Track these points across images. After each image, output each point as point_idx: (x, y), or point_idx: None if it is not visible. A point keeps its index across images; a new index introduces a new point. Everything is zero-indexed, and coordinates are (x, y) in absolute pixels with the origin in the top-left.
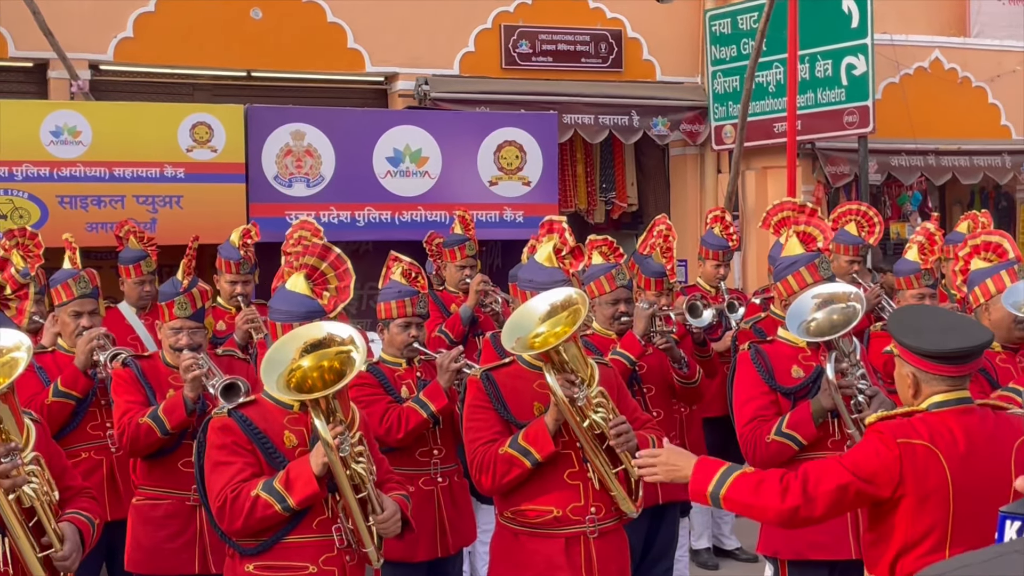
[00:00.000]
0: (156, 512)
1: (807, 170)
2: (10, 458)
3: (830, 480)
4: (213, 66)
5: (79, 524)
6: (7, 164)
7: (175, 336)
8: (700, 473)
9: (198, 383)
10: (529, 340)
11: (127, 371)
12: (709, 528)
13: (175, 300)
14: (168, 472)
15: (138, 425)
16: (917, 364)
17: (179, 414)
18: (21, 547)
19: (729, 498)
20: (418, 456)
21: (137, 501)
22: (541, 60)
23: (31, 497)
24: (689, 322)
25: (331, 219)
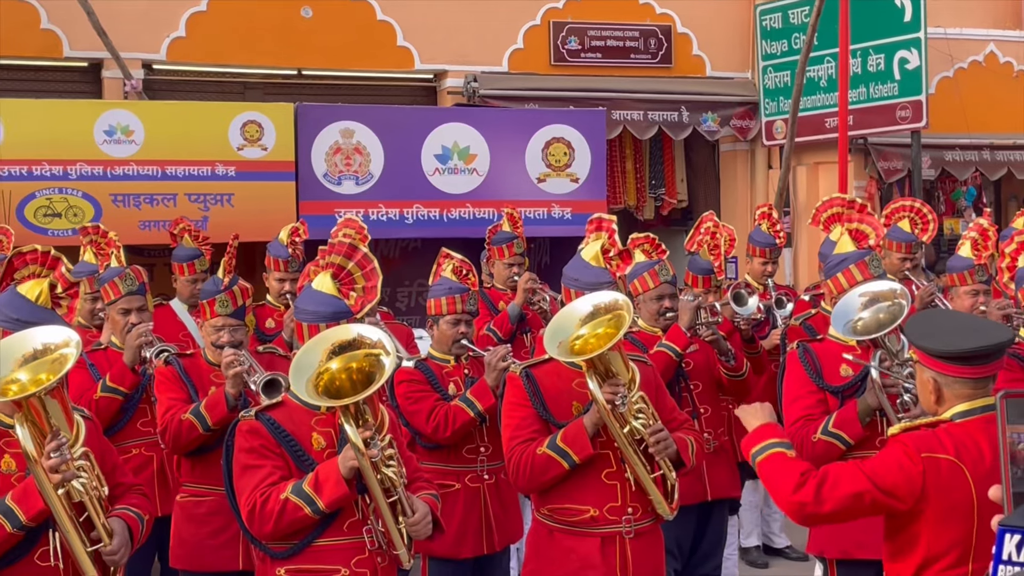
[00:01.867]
0: (199, 509)
1: (859, 165)
2: (59, 453)
3: (847, 486)
4: (264, 65)
5: (128, 520)
6: (62, 163)
7: (216, 334)
8: (758, 433)
9: (239, 379)
10: (570, 343)
11: (169, 369)
12: (759, 526)
13: (216, 298)
14: (210, 469)
15: (180, 421)
16: (937, 367)
17: (220, 410)
18: (71, 541)
19: (760, 467)
20: (465, 453)
21: (181, 498)
22: (590, 56)
23: (80, 492)
24: (735, 310)
25: (380, 217)
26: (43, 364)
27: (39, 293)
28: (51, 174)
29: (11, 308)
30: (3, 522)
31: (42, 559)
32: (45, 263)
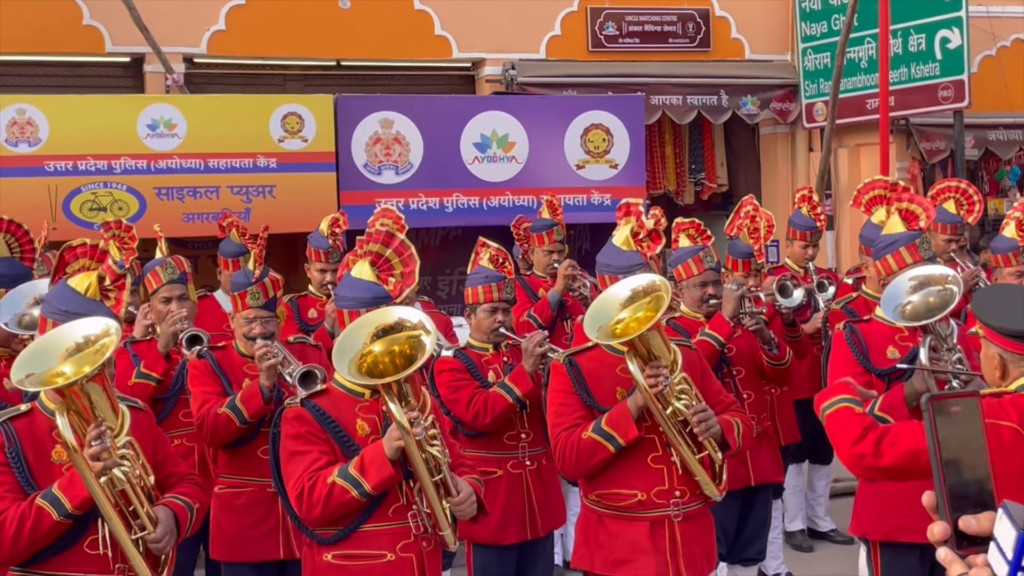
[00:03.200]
0: (238, 500)
1: (901, 147)
2: (100, 441)
3: (907, 442)
4: (303, 56)
5: (175, 508)
6: (106, 157)
7: (248, 325)
8: (830, 390)
9: (273, 371)
10: (611, 327)
11: (202, 362)
12: (803, 510)
13: (248, 290)
14: (248, 460)
15: (217, 415)
16: (1003, 344)
17: (256, 403)
18: (115, 528)
19: (827, 419)
20: (506, 440)
21: (219, 490)
22: (628, 42)
23: (122, 480)
24: (779, 302)
25: (420, 206)
26: (86, 356)
27: (88, 285)
28: (96, 169)
29: (60, 301)
30: (50, 510)
31: (91, 547)
32: (94, 256)
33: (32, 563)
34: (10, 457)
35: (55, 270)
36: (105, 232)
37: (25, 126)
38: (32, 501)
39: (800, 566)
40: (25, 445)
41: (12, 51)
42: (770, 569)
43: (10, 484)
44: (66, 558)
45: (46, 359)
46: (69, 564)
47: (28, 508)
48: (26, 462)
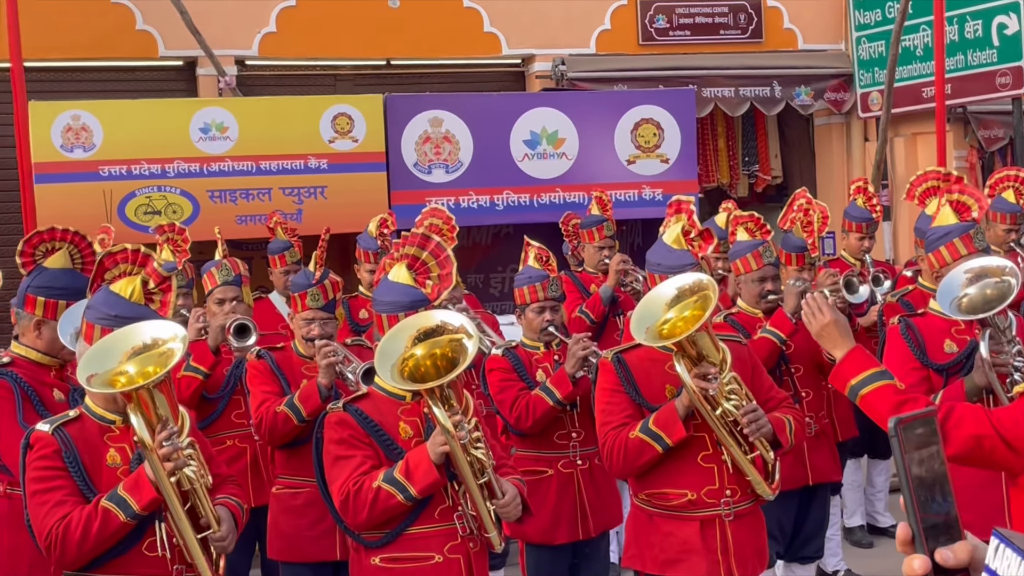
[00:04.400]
0: (296, 500)
1: (959, 135)
2: (171, 442)
3: (970, 426)
4: (353, 56)
5: (232, 508)
6: (160, 161)
7: (307, 326)
8: (851, 361)
9: (332, 370)
10: (657, 328)
11: (261, 363)
12: (862, 506)
13: (308, 291)
14: (305, 461)
15: (275, 414)
16: None
17: (314, 401)
18: (182, 528)
19: (868, 401)
20: (556, 439)
21: (277, 490)
22: (679, 34)
23: (190, 480)
24: (846, 299)
25: (470, 204)
26: (150, 357)
27: (132, 290)
28: (150, 172)
29: (107, 305)
30: (117, 512)
31: (149, 549)
32: (135, 261)
33: (91, 567)
34: (67, 461)
35: (93, 277)
36: (159, 236)
37: (80, 131)
38: (97, 503)
39: (859, 562)
40: (80, 449)
41: (66, 57)
42: (829, 566)
43: (70, 488)
44: (125, 561)
45: (108, 358)
46: (128, 567)
47: (94, 510)
48: (83, 466)
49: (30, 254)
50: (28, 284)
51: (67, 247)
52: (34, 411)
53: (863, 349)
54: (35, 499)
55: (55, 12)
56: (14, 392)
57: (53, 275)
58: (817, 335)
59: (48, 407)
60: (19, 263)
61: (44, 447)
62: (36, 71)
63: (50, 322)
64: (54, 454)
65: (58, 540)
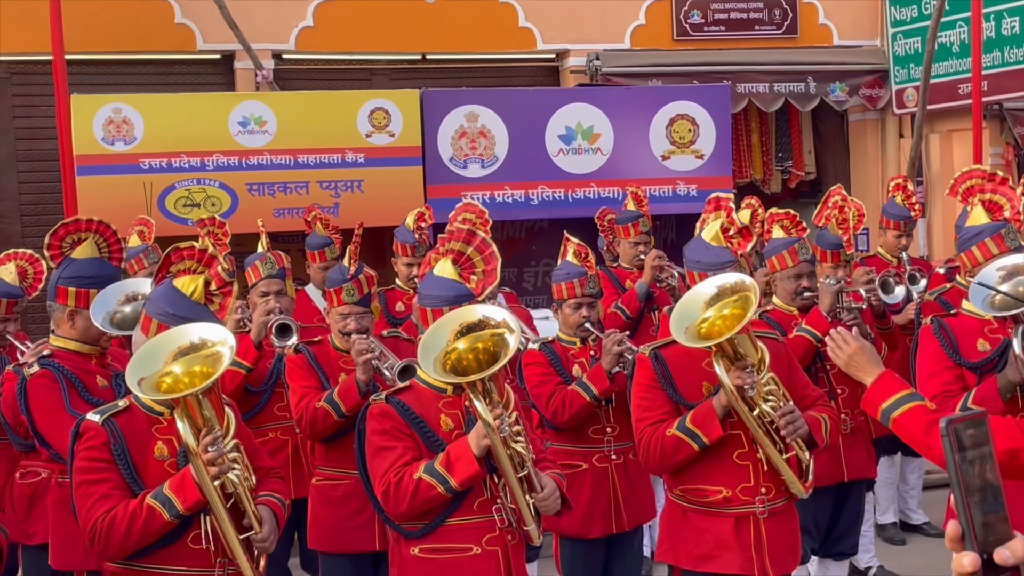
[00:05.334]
0: (336, 492)
1: (995, 132)
2: (215, 447)
3: (1003, 440)
4: (389, 51)
5: (274, 507)
6: (199, 155)
7: (343, 321)
8: (881, 386)
9: (370, 366)
10: (696, 327)
11: (300, 357)
12: (895, 503)
13: (343, 287)
14: (345, 453)
15: (315, 410)
16: None
17: (353, 396)
18: (226, 531)
19: (899, 423)
20: (591, 434)
21: (317, 481)
22: (713, 30)
23: (234, 483)
24: (882, 299)
25: (505, 199)
26: (196, 358)
27: (194, 289)
28: (189, 166)
29: (166, 302)
30: (161, 510)
31: (194, 542)
32: (201, 260)
33: (135, 557)
34: (115, 454)
35: (159, 269)
36: (200, 229)
37: (121, 124)
38: (142, 500)
39: (892, 559)
40: (129, 441)
41: (107, 50)
42: (862, 562)
43: (116, 481)
44: (169, 552)
45: (156, 360)
46: (172, 559)
47: (139, 507)
48: (131, 458)
49: (57, 246)
50: (58, 276)
51: (93, 237)
52: (80, 399)
53: (892, 373)
54: (81, 490)
55: (96, 6)
56: (59, 381)
57: (82, 265)
58: (846, 366)
59: (93, 394)
60: (47, 256)
61: (93, 438)
62: (76, 64)
63: (82, 311)
64: (103, 445)
65: (102, 534)
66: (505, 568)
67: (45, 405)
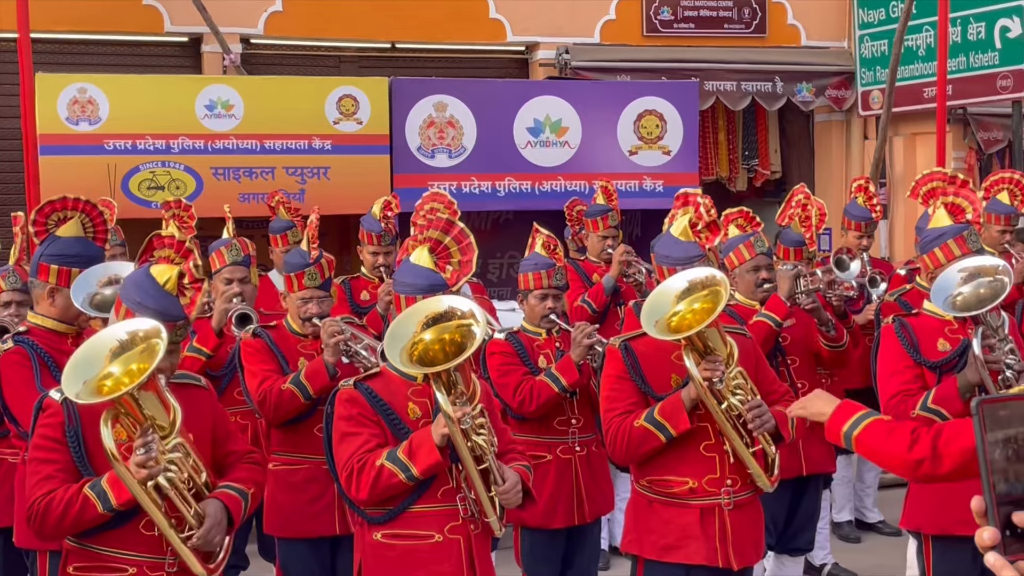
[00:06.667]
0: (295, 477)
1: (958, 136)
2: (146, 450)
3: (963, 440)
4: (358, 38)
5: (227, 500)
6: (164, 137)
7: (304, 305)
8: (839, 414)
9: (339, 348)
10: (666, 320)
11: (258, 341)
12: (851, 501)
13: (306, 271)
14: (304, 438)
15: (280, 391)
16: None
17: (321, 379)
18: (161, 527)
19: (861, 440)
20: (556, 425)
21: (274, 467)
22: (683, 27)
23: (166, 487)
24: (837, 276)
25: (472, 189)
26: (133, 356)
27: (168, 279)
28: (154, 148)
29: (139, 290)
30: (96, 502)
31: (146, 528)
32: (179, 251)
33: (86, 537)
34: (68, 436)
35: (141, 252)
36: (165, 211)
37: (86, 105)
38: (81, 488)
39: (847, 557)
40: (85, 423)
41: (73, 30)
42: (817, 559)
43: (64, 463)
44: (120, 536)
45: (93, 364)
46: (123, 543)
47: (76, 495)
48: (84, 442)
49: (43, 223)
50: (41, 253)
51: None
52: (51, 378)
53: (849, 401)
54: (31, 467)
55: None
56: (31, 359)
57: (66, 243)
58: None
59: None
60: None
61: (52, 415)
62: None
63: (63, 289)
64: (58, 425)
65: (38, 515)
66: (467, 557)
67: (16, 382)
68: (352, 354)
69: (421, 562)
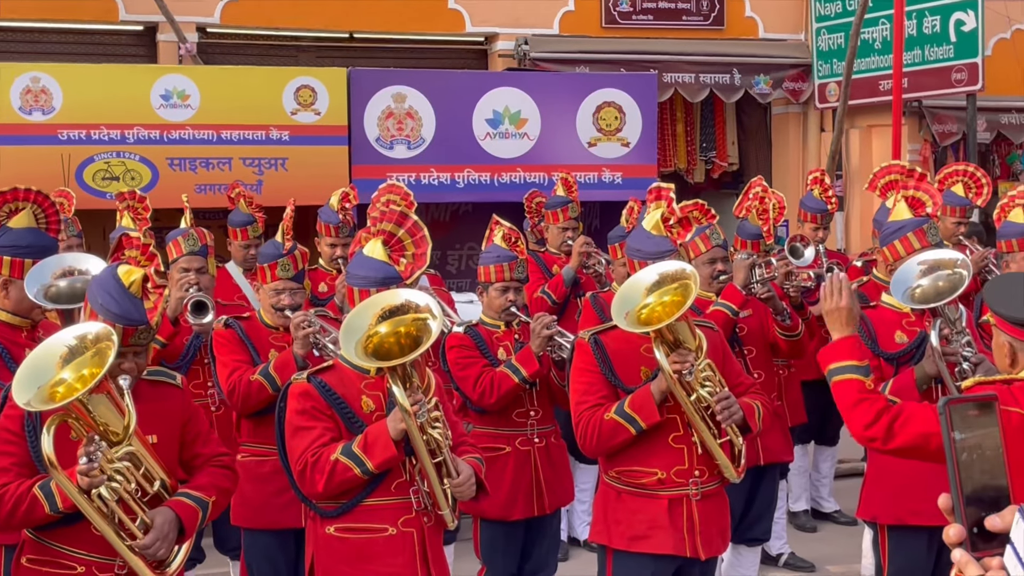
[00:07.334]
0: (263, 468)
1: (913, 129)
2: (88, 459)
3: (918, 424)
4: (316, 28)
5: (181, 510)
6: (119, 127)
7: (277, 296)
8: (838, 347)
9: (308, 340)
10: (636, 313)
11: (230, 331)
12: (807, 490)
13: (278, 262)
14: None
15: (249, 383)
16: (1013, 333)
17: (290, 371)
18: (106, 535)
19: (836, 387)
20: (515, 417)
21: (242, 458)
22: (641, 19)
23: (108, 499)
24: (791, 263)
25: (431, 181)
26: (85, 360)
27: (133, 281)
28: (109, 138)
29: (104, 291)
30: (44, 503)
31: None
32: (145, 253)
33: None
34: (27, 431)
35: (113, 251)
36: (119, 202)
37: (39, 94)
38: (32, 486)
39: (803, 546)
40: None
41: (26, 17)
42: (773, 548)
43: (20, 457)
44: (73, 534)
45: (44, 371)
46: (75, 541)
47: (26, 493)
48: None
49: None
50: None
51: (31, 207)
52: (7, 370)
53: (857, 339)
54: None
55: None
56: None
57: (18, 234)
58: (827, 313)
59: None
60: None
61: (13, 408)
62: None
63: (17, 281)
64: (19, 418)
65: None
66: (420, 550)
67: None
68: (321, 347)
69: (374, 555)
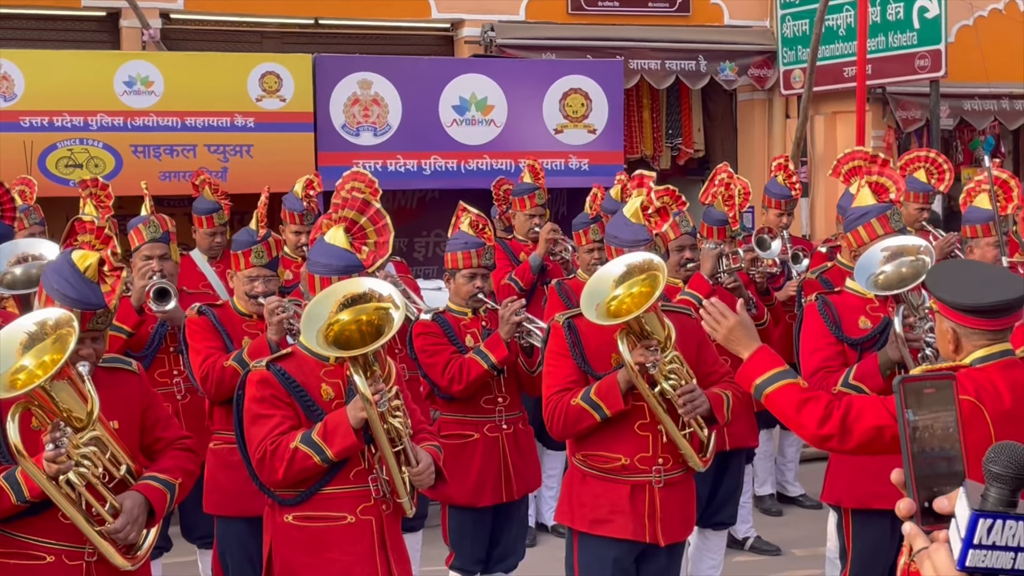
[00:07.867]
0: (236, 456)
1: (877, 115)
2: (54, 445)
3: (870, 418)
4: (281, 14)
5: (149, 493)
6: (82, 114)
7: (251, 283)
8: (756, 361)
9: (282, 327)
10: (605, 305)
11: (203, 319)
12: (773, 475)
13: (252, 249)
14: None
15: (223, 369)
16: (956, 319)
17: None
18: (75, 520)
19: (771, 399)
20: (483, 404)
21: (215, 446)
22: (607, 5)
23: (77, 484)
24: (758, 254)
25: (397, 168)
26: (45, 347)
27: (88, 265)
28: (72, 125)
29: (59, 277)
30: (10, 492)
31: (65, 517)
32: (99, 237)
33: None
34: None
35: (65, 237)
36: (82, 190)
37: (1, 80)
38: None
39: (769, 530)
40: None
41: None
42: (740, 532)
43: None
44: (40, 523)
45: (4, 359)
46: (42, 531)
47: None
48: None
49: None
50: None
51: None
52: None
53: (768, 349)
54: None
55: None
56: None
57: None
58: (724, 340)
59: None
60: None
61: None
62: None
63: None
64: None
65: None
66: (379, 538)
67: None
68: (295, 333)
69: (333, 543)
